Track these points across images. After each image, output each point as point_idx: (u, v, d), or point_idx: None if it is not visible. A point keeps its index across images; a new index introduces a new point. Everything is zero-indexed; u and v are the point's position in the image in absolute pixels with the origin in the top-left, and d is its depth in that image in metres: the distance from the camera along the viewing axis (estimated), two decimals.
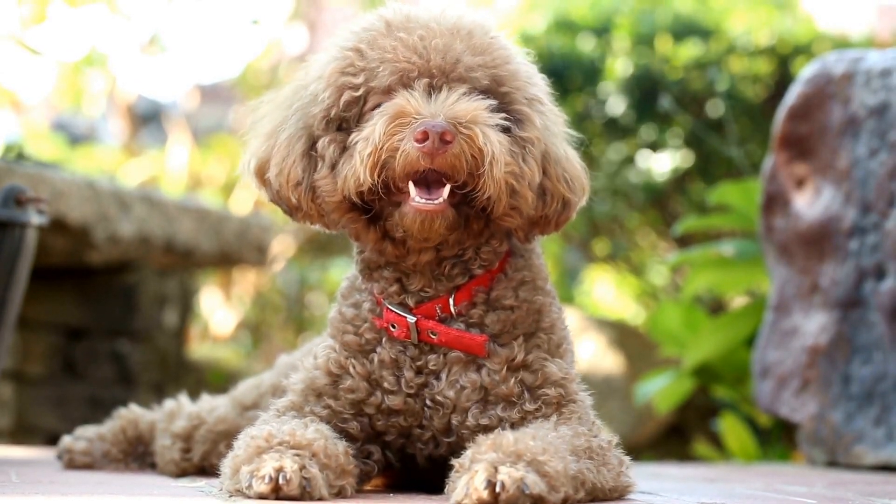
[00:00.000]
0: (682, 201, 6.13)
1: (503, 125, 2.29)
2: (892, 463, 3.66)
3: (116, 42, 8.62)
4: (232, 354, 6.82)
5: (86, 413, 4.83)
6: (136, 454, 3.13)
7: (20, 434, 4.92)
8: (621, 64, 5.84)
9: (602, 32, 5.98)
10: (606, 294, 8.07)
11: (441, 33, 2.32)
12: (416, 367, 2.39)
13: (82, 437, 3.14)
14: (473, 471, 2.06)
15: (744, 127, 5.77)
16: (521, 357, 2.37)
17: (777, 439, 4.85)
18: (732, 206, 4.62)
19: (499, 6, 7.08)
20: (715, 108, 5.84)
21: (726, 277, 4.73)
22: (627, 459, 2.40)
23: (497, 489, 2.01)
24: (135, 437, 3.13)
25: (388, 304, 2.40)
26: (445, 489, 2.15)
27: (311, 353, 2.50)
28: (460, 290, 2.39)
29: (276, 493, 2.10)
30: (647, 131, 5.95)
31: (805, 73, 4.01)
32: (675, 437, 6.17)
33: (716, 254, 4.69)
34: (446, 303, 2.38)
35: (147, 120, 11.10)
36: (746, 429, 4.80)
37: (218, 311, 8.02)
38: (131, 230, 4.72)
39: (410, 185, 2.26)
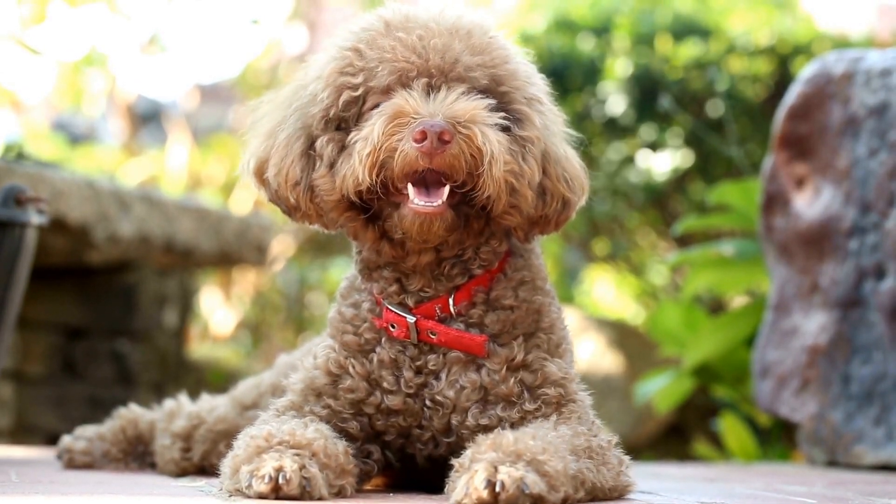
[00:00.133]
0: (682, 201, 6.13)
1: (502, 124, 2.28)
2: (891, 463, 3.66)
3: (116, 42, 8.61)
4: (232, 354, 6.81)
5: (86, 413, 4.83)
6: (136, 454, 3.13)
7: (20, 434, 4.92)
8: (621, 64, 5.83)
9: (602, 32, 5.98)
10: (606, 294, 8.06)
11: (440, 33, 2.32)
12: (416, 367, 2.38)
13: (82, 436, 3.14)
14: (473, 470, 2.05)
15: (744, 127, 5.77)
16: (521, 357, 2.37)
17: (777, 439, 4.85)
18: (732, 205, 4.62)
19: (498, 6, 7.08)
20: (715, 108, 5.84)
21: (726, 277, 4.73)
22: (627, 459, 2.40)
23: (497, 489, 2.01)
24: (135, 437, 3.13)
25: (387, 304, 2.40)
26: (445, 489, 2.15)
27: (310, 353, 2.50)
28: (460, 290, 2.39)
29: (276, 492, 2.09)
30: (647, 131, 5.95)
31: (805, 72, 4.01)
32: (674, 436, 6.17)
33: (716, 254, 4.68)
34: (446, 303, 2.38)
35: (147, 120, 11.10)
36: (746, 428, 4.79)
37: (218, 311, 8.02)
38: (131, 230, 4.72)
39: (409, 187, 2.25)
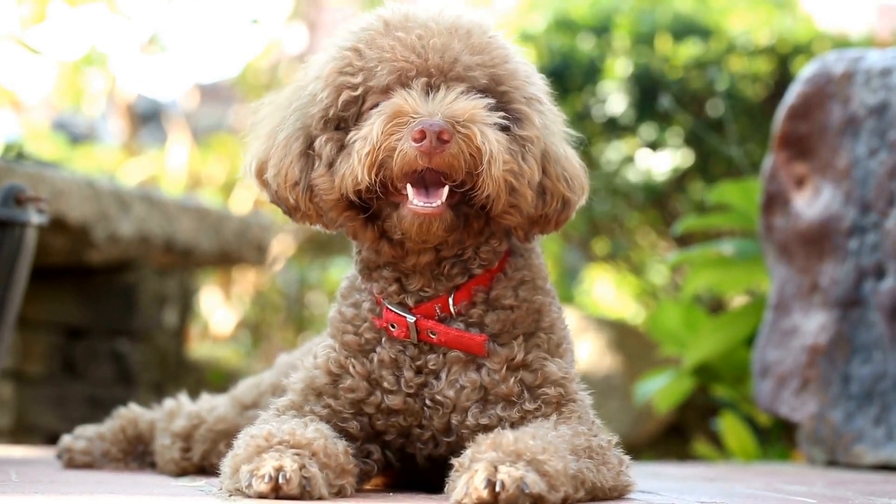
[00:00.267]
0: (682, 201, 6.13)
1: (502, 124, 2.28)
2: (891, 462, 3.66)
3: (116, 41, 8.61)
4: (232, 354, 6.82)
5: (85, 412, 4.83)
6: (136, 453, 3.13)
7: (20, 433, 4.92)
8: (621, 63, 5.84)
9: (602, 32, 5.98)
10: (606, 293, 8.06)
11: (439, 32, 2.32)
12: (416, 366, 2.38)
13: (82, 436, 3.14)
14: (473, 470, 2.05)
15: (743, 126, 5.77)
16: (521, 356, 2.37)
17: (777, 439, 4.85)
18: (732, 205, 4.62)
19: (498, 5, 7.08)
20: (715, 108, 5.84)
21: (726, 277, 4.73)
22: (627, 459, 2.40)
23: (497, 488, 2.01)
24: (134, 437, 3.13)
25: (387, 304, 2.40)
26: (445, 488, 2.15)
27: (310, 353, 2.50)
28: (460, 289, 2.38)
29: (276, 492, 2.09)
30: (647, 131, 5.95)
31: (805, 72, 4.00)
32: (674, 436, 6.17)
33: (716, 253, 4.68)
34: (446, 302, 2.38)
35: (147, 119, 11.09)
36: (746, 428, 4.79)
37: (218, 311, 8.02)
38: (131, 229, 4.72)
39: (409, 187, 2.25)
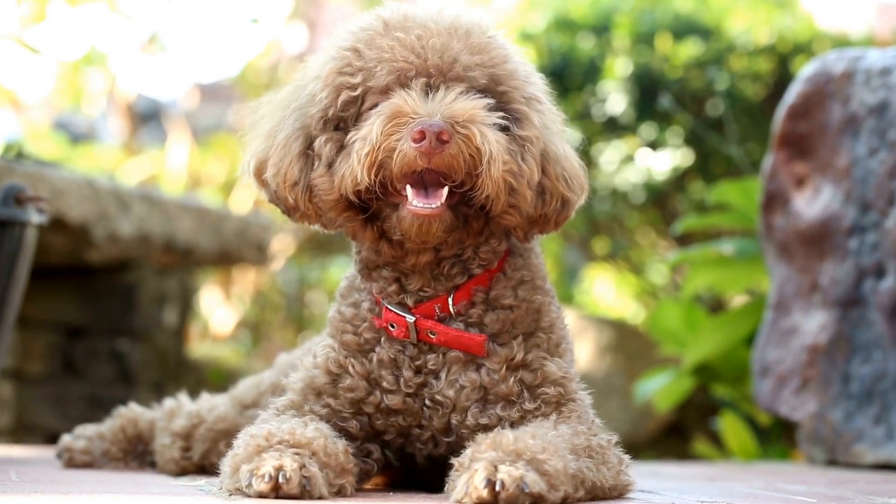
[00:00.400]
0: (682, 200, 6.13)
1: (501, 124, 2.28)
2: (891, 462, 3.66)
3: (116, 41, 8.61)
4: (232, 353, 6.82)
5: (85, 412, 4.83)
6: (136, 453, 3.13)
7: (20, 433, 4.92)
8: (621, 63, 5.84)
9: (602, 31, 5.98)
10: (606, 293, 8.06)
11: (438, 32, 2.32)
12: (416, 366, 2.38)
13: (82, 435, 3.14)
14: (473, 469, 2.05)
15: (743, 126, 5.77)
16: (521, 356, 2.37)
17: (777, 438, 4.85)
18: (732, 204, 4.62)
19: (498, 5, 7.07)
20: (715, 107, 5.84)
21: (726, 276, 4.73)
22: (627, 458, 2.40)
23: (497, 488, 2.01)
24: (134, 436, 3.13)
25: (387, 304, 2.39)
26: (445, 488, 2.15)
27: (310, 352, 2.50)
28: (459, 289, 2.38)
29: (276, 491, 2.09)
30: (647, 130, 5.95)
31: (805, 71, 4.00)
32: (674, 435, 6.17)
33: (716, 253, 4.68)
34: (445, 302, 2.38)
35: (147, 119, 11.09)
36: (746, 427, 4.79)
37: (218, 310, 8.02)
38: (131, 229, 4.72)
39: (408, 188, 2.25)
